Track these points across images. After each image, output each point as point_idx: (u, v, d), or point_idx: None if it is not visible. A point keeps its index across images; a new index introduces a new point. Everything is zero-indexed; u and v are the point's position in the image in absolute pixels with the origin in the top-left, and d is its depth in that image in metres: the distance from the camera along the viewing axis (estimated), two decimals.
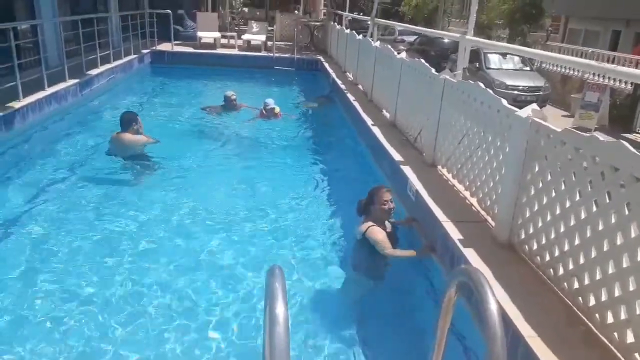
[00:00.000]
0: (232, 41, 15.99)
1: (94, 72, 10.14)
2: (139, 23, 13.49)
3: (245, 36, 16.18)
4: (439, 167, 5.13)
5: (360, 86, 10.02)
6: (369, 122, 7.18)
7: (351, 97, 9.02)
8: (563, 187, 2.94)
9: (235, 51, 15.48)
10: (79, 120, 8.47)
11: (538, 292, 3.01)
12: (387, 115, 7.36)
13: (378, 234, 3.88)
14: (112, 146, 6.32)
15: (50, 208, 5.14)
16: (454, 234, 3.66)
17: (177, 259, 4.30)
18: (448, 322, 1.89)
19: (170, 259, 4.28)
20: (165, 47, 14.62)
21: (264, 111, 8.92)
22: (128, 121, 6.24)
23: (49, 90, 8.11)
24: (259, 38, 15.92)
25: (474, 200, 4.26)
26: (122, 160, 6.27)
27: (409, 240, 4.34)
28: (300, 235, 4.85)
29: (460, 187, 4.59)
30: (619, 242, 2.46)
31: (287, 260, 4.38)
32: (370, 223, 3.95)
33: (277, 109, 8.97)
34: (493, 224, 3.78)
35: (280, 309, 1.34)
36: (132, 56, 12.76)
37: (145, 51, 13.82)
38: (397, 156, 5.55)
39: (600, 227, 2.59)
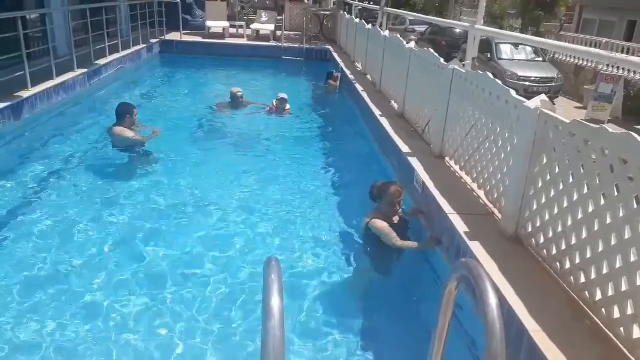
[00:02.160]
0: (241, 31, 15.94)
1: (102, 61, 10.16)
2: (148, 12, 13.49)
3: (254, 26, 16.12)
4: (447, 158, 5.07)
5: (369, 76, 9.93)
6: (377, 112, 7.12)
7: (360, 88, 8.95)
8: (571, 179, 2.88)
9: (244, 41, 15.44)
10: (87, 110, 8.48)
11: (544, 286, 2.96)
12: (396, 106, 7.29)
13: (381, 225, 3.93)
14: (111, 139, 6.28)
15: (54, 198, 5.15)
16: (460, 226, 3.62)
17: (179, 251, 4.28)
18: (449, 316, 1.86)
19: (171, 252, 4.25)
20: (174, 36, 14.62)
21: (274, 102, 8.70)
22: (121, 113, 6.09)
23: (58, 80, 8.13)
24: (268, 28, 15.85)
25: (481, 193, 4.21)
26: (125, 152, 6.21)
27: (415, 232, 4.31)
28: (308, 227, 4.81)
29: (467, 179, 4.53)
30: (626, 236, 2.41)
31: (294, 252, 4.36)
32: (375, 215, 4.01)
33: (288, 106, 8.74)
34: (500, 216, 3.73)
35: (275, 302, 1.33)
36: (141, 46, 12.77)
37: (154, 41, 13.83)
38: (404, 147, 5.50)
39: (608, 221, 2.54)
